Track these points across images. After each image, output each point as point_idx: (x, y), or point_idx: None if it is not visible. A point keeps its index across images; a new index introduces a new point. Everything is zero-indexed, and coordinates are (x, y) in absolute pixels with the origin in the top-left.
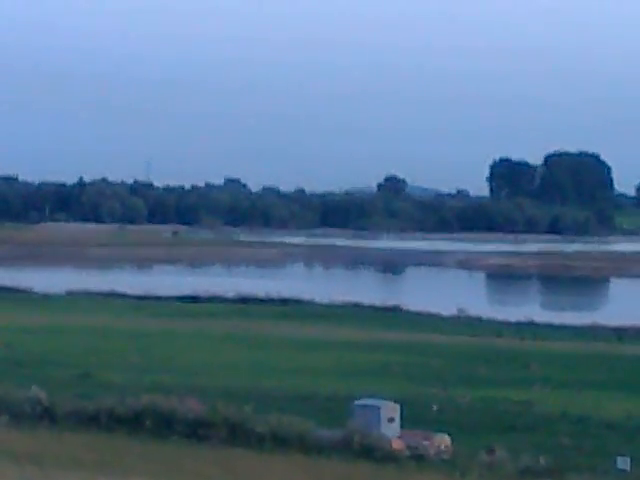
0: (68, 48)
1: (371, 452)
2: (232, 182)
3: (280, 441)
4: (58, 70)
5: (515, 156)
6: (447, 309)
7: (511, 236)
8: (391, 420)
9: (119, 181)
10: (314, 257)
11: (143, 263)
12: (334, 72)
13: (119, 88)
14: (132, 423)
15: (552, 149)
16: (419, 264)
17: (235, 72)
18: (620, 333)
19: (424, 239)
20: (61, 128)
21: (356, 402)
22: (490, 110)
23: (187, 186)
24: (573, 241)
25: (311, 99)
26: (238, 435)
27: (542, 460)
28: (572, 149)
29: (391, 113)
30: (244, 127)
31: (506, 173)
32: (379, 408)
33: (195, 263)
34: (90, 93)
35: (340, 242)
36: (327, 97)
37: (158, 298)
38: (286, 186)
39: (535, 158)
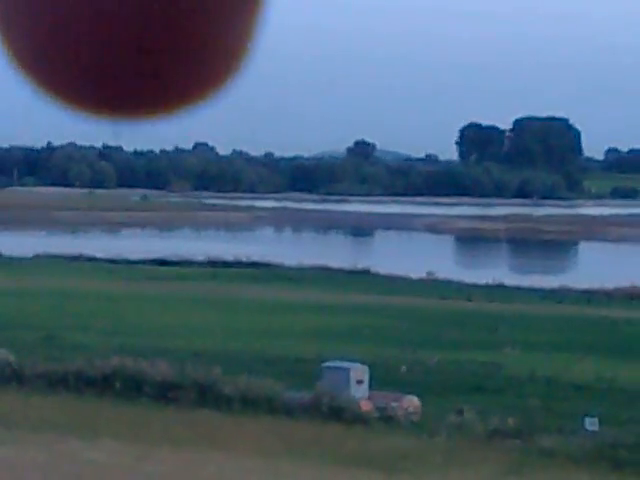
0: None
1: (340, 414)
2: (201, 146)
3: (249, 403)
4: None
5: (484, 121)
6: (416, 272)
7: (480, 200)
8: (360, 382)
9: (88, 145)
10: (283, 221)
11: (112, 227)
12: (314, 32)
13: None
14: (101, 385)
15: (521, 114)
16: (388, 228)
17: None
18: (589, 296)
19: (393, 203)
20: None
21: (325, 364)
22: (459, 75)
23: (156, 150)
24: (542, 205)
25: (282, 61)
26: (207, 397)
27: (511, 421)
28: (541, 114)
29: (361, 77)
30: None
31: (475, 138)
32: (348, 370)
33: (164, 227)
34: None
35: (309, 206)
36: (298, 59)
37: (127, 262)
38: (255, 150)
39: (504, 123)
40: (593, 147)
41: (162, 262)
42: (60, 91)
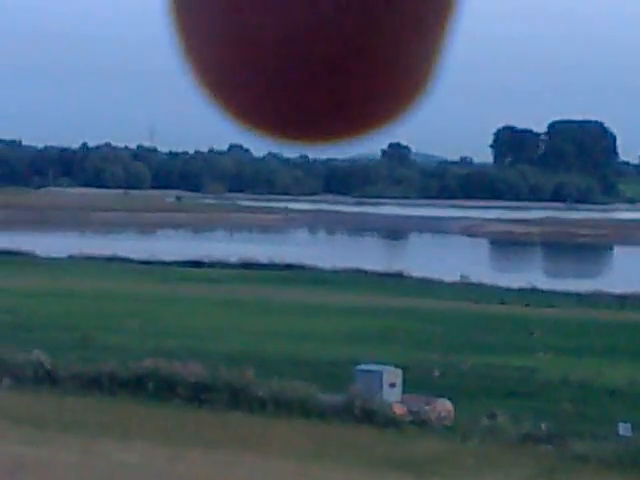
0: (72, 12)
1: (372, 417)
2: (236, 148)
3: (282, 406)
4: (61, 34)
5: (519, 124)
6: (450, 275)
7: (514, 203)
8: (393, 385)
9: (123, 146)
10: (317, 223)
11: (146, 228)
12: None
13: (124, 52)
14: (134, 387)
15: (556, 117)
16: (422, 231)
17: None
18: (623, 300)
19: (427, 206)
20: (65, 92)
21: (358, 367)
22: (495, 77)
23: (191, 151)
24: (576, 209)
25: None
26: (240, 399)
27: (543, 426)
28: (576, 117)
29: None
30: None
31: (510, 141)
32: (381, 373)
33: (198, 228)
34: (95, 58)
35: (344, 208)
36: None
37: (161, 263)
38: (290, 152)
39: (539, 126)
40: (629, 151)
41: (196, 264)
42: (240, 109)
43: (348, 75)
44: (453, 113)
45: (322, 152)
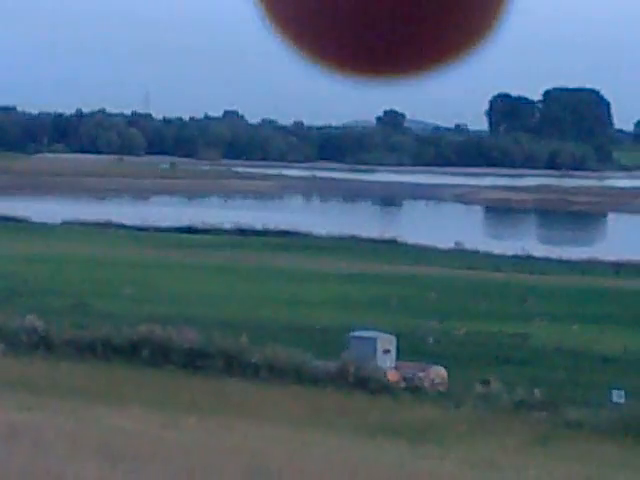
0: None
1: (366, 383)
2: (230, 114)
3: (276, 372)
4: (54, 4)
5: (514, 91)
6: (445, 242)
7: (509, 170)
8: (387, 352)
9: (117, 112)
10: (312, 190)
11: (140, 194)
12: None
13: (117, 22)
14: (128, 353)
15: (551, 85)
16: (417, 198)
17: (233, 6)
18: (617, 268)
19: (422, 173)
20: (60, 59)
21: (352, 334)
22: (489, 46)
23: (185, 118)
24: (571, 176)
25: None
26: (234, 365)
27: (537, 393)
28: (572, 85)
29: None
30: (242, 59)
31: (505, 108)
32: (375, 340)
33: (193, 195)
34: (89, 27)
35: (338, 175)
36: None
37: (155, 229)
38: (284, 119)
39: (534, 94)
40: (623, 118)
41: (191, 230)
42: (318, 52)
43: (423, 8)
44: (448, 80)
45: (316, 119)
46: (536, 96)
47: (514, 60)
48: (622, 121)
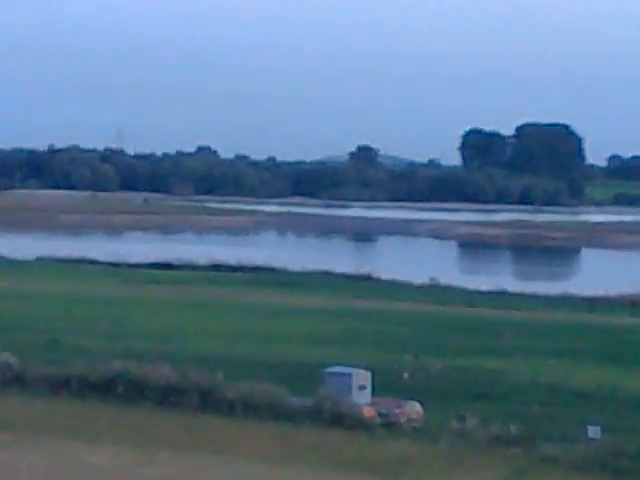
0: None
1: (342, 419)
2: (204, 150)
3: (251, 408)
4: (30, 42)
5: (487, 127)
6: (419, 278)
7: (483, 205)
8: (362, 388)
9: (90, 148)
10: (286, 225)
11: (114, 230)
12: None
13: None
14: (103, 389)
15: (524, 120)
16: (391, 233)
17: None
18: (591, 303)
19: (396, 208)
20: (33, 96)
21: (327, 369)
22: (461, 81)
23: (158, 153)
24: (544, 211)
25: (281, 72)
26: (209, 402)
27: (513, 428)
28: (544, 120)
29: (363, 84)
30: (215, 96)
31: (478, 143)
32: (350, 375)
33: (167, 230)
34: (62, 63)
35: (312, 211)
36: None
37: (129, 265)
38: (258, 154)
39: (507, 129)
40: (596, 153)
41: (165, 266)
42: None
43: None
44: (421, 115)
45: (290, 154)
46: (509, 131)
47: (487, 94)
48: (594, 156)
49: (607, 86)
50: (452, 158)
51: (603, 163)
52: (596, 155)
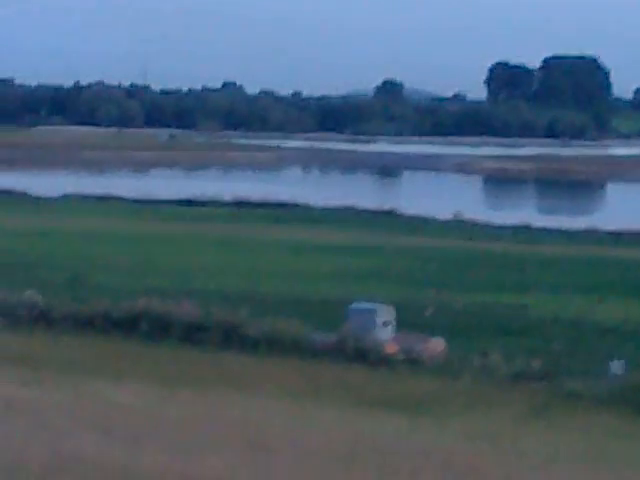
0: None
1: (365, 356)
2: (229, 85)
3: (275, 345)
4: None
5: (513, 59)
6: (443, 213)
7: (508, 140)
8: (386, 323)
9: (116, 84)
10: (311, 161)
11: (139, 167)
12: None
13: None
14: (127, 326)
15: (550, 53)
16: (416, 168)
17: None
18: (616, 237)
19: (421, 143)
20: (58, 31)
21: (351, 306)
22: (488, 13)
23: (184, 89)
24: (570, 145)
25: (308, 2)
26: (232, 339)
27: (535, 364)
28: (571, 53)
29: (389, 16)
30: (241, 30)
31: (504, 76)
32: (374, 311)
33: (192, 167)
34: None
35: (337, 146)
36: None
37: (154, 202)
38: (283, 90)
39: (533, 62)
40: (622, 86)
41: (189, 202)
42: None
43: None
44: (447, 49)
45: (315, 89)
46: (535, 64)
47: (514, 27)
48: (621, 89)
49: (635, 18)
50: (478, 92)
51: (630, 96)
52: (623, 88)
